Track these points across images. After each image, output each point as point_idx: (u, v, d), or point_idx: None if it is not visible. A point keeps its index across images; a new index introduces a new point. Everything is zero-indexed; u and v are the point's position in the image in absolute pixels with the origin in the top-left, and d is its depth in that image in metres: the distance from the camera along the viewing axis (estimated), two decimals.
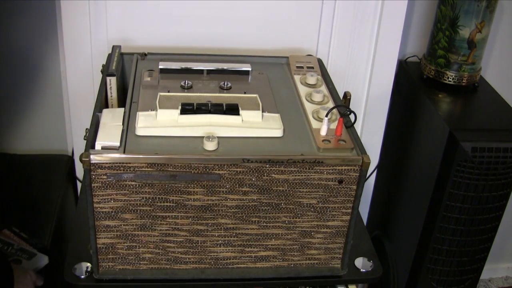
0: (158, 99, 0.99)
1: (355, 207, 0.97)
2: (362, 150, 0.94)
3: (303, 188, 0.94)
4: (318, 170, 0.92)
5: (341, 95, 1.09)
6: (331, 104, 1.06)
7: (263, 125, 0.97)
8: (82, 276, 0.99)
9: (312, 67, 1.20)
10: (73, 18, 1.30)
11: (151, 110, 0.97)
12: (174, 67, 1.13)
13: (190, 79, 1.09)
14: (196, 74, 1.13)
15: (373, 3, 1.38)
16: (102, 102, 1.05)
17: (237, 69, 1.15)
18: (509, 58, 1.64)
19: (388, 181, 1.65)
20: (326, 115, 0.97)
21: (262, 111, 0.99)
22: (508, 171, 1.24)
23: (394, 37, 1.41)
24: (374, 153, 1.56)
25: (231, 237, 0.98)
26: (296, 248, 1.01)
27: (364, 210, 1.73)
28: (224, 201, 0.94)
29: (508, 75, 1.65)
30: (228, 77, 1.12)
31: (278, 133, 0.96)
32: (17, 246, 1.14)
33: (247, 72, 1.15)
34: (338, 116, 0.99)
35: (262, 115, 0.98)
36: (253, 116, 0.98)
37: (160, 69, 1.12)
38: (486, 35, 1.37)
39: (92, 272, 0.99)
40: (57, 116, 1.53)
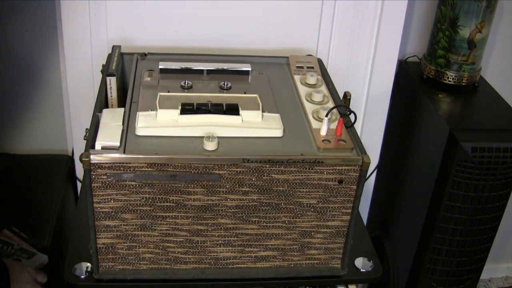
0: (158, 99, 0.99)
1: (355, 207, 0.97)
2: (362, 150, 0.94)
3: (303, 188, 0.94)
4: (318, 170, 0.92)
5: (341, 95, 1.09)
6: (331, 104, 1.06)
7: (263, 125, 0.97)
8: (82, 276, 0.99)
9: (312, 67, 1.20)
10: (73, 18, 1.30)
11: (151, 110, 0.97)
12: (174, 67, 1.13)
13: (190, 79, 1.09)
14: (196, 74, 1.13)
15: (373, 3, 1.38)
16: (102, 102, 1.05)
17: (237, 69, 1.15)
18: (509, 58, 1.64)
19: (388, 181, 1.65)
20: (326, 115, 0.97)
21: (262, 111, 0.99)
22: (508, 171, 1.24)
23: (394, 37, 1.41)
24: (374, 153, 1.56)
25: (231, 237, 0.98)
26: (296, 248, 1.01)
27: (364, 210, 1.73)
28: (224, 201, 0.94)
29: (508, 75, 1.65)
30: (228, 77, 1.12)
31: (278, 133, 0.96)
32: (17, 246, 1.14)
33: (247, 72, 1.15)
34: (338, 116, 0.99)
35: (262, 115, 0.98)
36: (253, 116, 0.98)
37: (160, 69, 1.12)
38: (486, 35, 1.37)
39: (92, 272, 0.99)
40: (57, 116, 1.53)
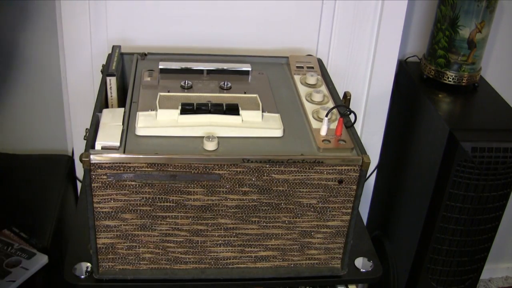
0: (158, 99, 0.99)
1: (355, 207, 0.97)
2: (362, 150, 0.94)
3: (303, 188, 0.94)
4: (318, 170, 0.92)
5: (341, 95, 1.09)
6: (331, 104, 1.06)
7: (263, 125, 0.97)
8: (82, 276, 0.99)
9: (312, 67, 1.20)
10: (73, 18, 1.30)
11: (151, 110, 0.97)
12: (174, 67, 1.13)
13: (190, 79, 1.09)
14: (196, 74, 1.13)
15: (373, 3, 1.38)
16: (102, 102, 1.05)
17: (237, 69, 1.15)
18: (509, 58, 1.64)
19: (388, 181, 1.65)
20: (326, 115, 0.97)
21: (262, 111, 0.99)
22: (508, 171, 1.24)
23: (394, 37, 1.41)
24: (374, 153, 1.56)
25: (231, 237, 0.98)
26: (296, 248, 1.01)
27: (364, 210, 1.73)
28: (224, 201, 0.94)
29: (508, 75, 1.65)
30: (228, 77, 1.12)
31: (278, 133, 0.96)
32: (17, 246, 1.14)
33: (247, 72, 1.15)
34: (338, 116, 0.99)
35: (262, 115, 0.98)
36: (253, 116, 0.98)
37: (160, 69, 1.12)
38: (486, 35, 1.37)
39: (92, 272, 0.99)
40: (57, 116, 1.53)
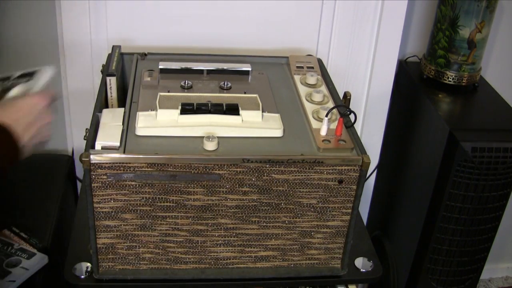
0: (158, 99, 0.99)
1: (355, 207, 0.97)
2: (362, 150, 0.94)
3: (303, 188, 0.94)
4: (318, 170, 0.92)
5: (341, 95, 1.09)
6: (331, 104, 1.06)
7: (263, 125, 0.97)
8: (82, 276, 0.99)
9: (312, 67, 1.20)
10: (73, 18, 1.30)
11: (151, 110, 0.97)
12: (174, 67, 1.13)
13: (190, 79, 1.09)
14: (196, 74, 1.13)
15: (373, 3, 1.38)
16: (102, 102, 1.05)
17: (237, 69, 1.15)
18: (509, 58, 1.64)
19: (388, 181, 1.65)
20: (326, 115, 0.97)
21: (262, 111, 0.99)
22: (508, 171, 1.24)
23: (394, 37, 1.41)
24: (374, 153, 1.56)
25: (231, 237, 0.98)
26: (296, 248, 1.01)
27: (364, 210, 1.73)
28: (224, 201, 0.94)
29: (508, 75, 1.65)
30: (228, 77, 1.12)
31: (278, 133, 0.96)
32: (17, 246, 1.14)
33: (247, 72, 1.15)
34: (338, 116, 0.99)
35: (262, 115, 0.98)
36: (253, 116, 0.97)
37: (160, 69, 1.12)
38: (486, 35, 1.37)
39: (92, 272, 0.99)
40: (57, 116, 1.53)
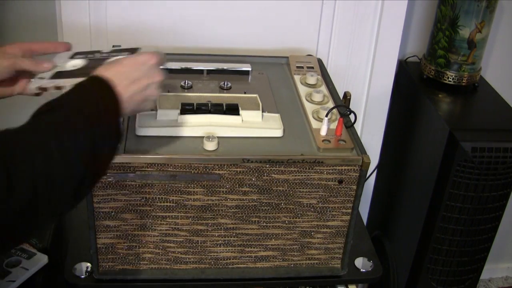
0: (158, 99, 0.99)
1: (355, 207, 0.97)
2: (362, 150, 0.94)
3: (303, 188, 0.94)
4: (318, 170, 0.92)
5: (341, 95, 1.09)
6: (331, 104, 1.06)
7: (263, 125, 0.97)
8: (82, 276, 0.99)
9: (312, 67, 1.20)
10: (73, 18, 1.30)
11: (151, 110, 0.97)
12: (174, 67, 1.13)
13: (190, 79, 1.09)
14: (196, 74, 1.13)
15: (373, 3, 1.38)
16: None
17: (237, 69, 1.15)
18: (509, 58, 1.64)
19: (388, 181, 1.65)
20: (326, 115, 0.97)
21: (262, 111, 0.99)
22: (508, 171, 1.24)
23: (394, 37, 1.41)
24: (374, 153, 1.56)
25: (231, 237, 0.98)
26: (296, 248, 1.01)
27: (364, 210, 1.73)
28: (224, 201, 0.94)
29: (508, 75, 1.65)
30: (228, 77, 1.12)
31: (278, 133, 0.96)
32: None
33: (247, 72, 1.15)
34: (338, 116, 0.99)
35: (262, 115, 0.98)
36: (253, 116, 0.97)
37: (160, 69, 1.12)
38: (486, 35, 1.37)
39: (92, 272, 0.99)
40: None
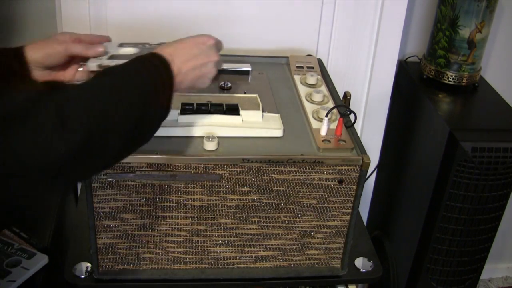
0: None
1: (355, 207, 0.97)
2: (362, 150, 0.94)
3: (303, 188, 0.94)
4: (318, 170, 0.92)
5: (341, 95, 1.09)
6: (331, 104, 1.06)
7: (263, 125, 0.97)
8: (82, 276, 0.99)
9: (312, 67, 1.20)
10: (73, 18, 1.30)
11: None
12: None
13: None
14: None
15: (373, 3, 1.38)
16: None
17: (237, 69, 1.15)
18: (509, 58, 1.63)
19: (388, 181, 1.65)
20: (326, 115, 0.97)
21: (262, 111, 0.99)
22: (508, 171, 1.24)
23: (394, 37, 1.41)
24: (374, 153, 1.56)
25: (231, 237, 0.98)
26: (296, 248, 1.01)
27: (364, 210, 1.73)
28: (224, 201, 0.94)
29: (508, 75, 1.65)
30: (228, 77, 1.12)
31: (278, 133, 0.96)
32: (17, 246, 1.14)
33: (247, 72, 1.15)
34: (338, 116, 0.99)
35: (262, 115, 0.98)
36: (253, 116, 0.97)
37: None
38: (486, 35, 1.37)
39: (92, 272, 0.99)
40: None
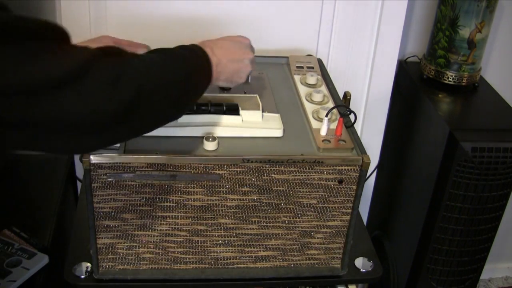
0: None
1: (355, 207, 0.97)
2: (362, 150, 0.94)
3: (303, 188, 0.94)
4: (318, 170, 0.92)
5: (341, 95, 1.09)
6: (331, 104, 1.06)
7: (263, 125, 0.97)
8: (82, 276, 0.99)
9: (312, 67, 1.20)
10: (73, 18, 1.30)
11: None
12: None
13: None
14: None
15: (373, 3, 1.38)
16: None
17: None
18: (509, 58, 1.64)
19: (388, 181, 1.65)
20: (326, 115, 0.97)
21: (262, 111, 0.99)
22: (508, 171, 1.24)
23: (394, 37, 1.41)
24: (374, 153, 1.56)
25: (231, 237, 0.98)
26: (296, 248, 1.01)
27: (364, 210, 1.73)
28: (224, 201, 0.94)
29: (508, 75, 1.65)
30: None
31: (278, 133, 0.96)
32: (18, 246, 1.14)
33: None
34: (338, 116, 0.99)
35: (262, 115, 0.98)
36: (253, 116, 0.97)
37: None
38: (486, 35, 1.37)
39: (92, 272, 0.99)
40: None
